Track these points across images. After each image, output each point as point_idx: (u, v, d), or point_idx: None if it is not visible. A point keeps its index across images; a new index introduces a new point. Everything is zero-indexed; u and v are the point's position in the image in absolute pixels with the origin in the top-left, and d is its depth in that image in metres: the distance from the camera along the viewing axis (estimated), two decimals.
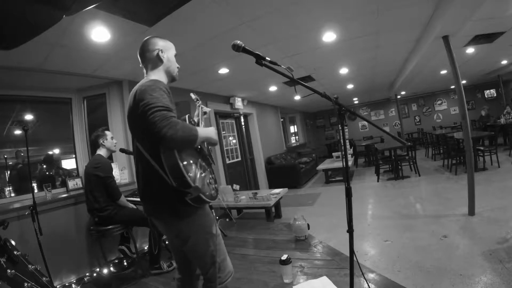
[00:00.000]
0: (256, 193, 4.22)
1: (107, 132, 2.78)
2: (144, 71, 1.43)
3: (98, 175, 2.55)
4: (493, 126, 7.24)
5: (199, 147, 1.37)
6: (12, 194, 2.90)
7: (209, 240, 1.31)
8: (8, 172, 3.19)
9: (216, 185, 1.40)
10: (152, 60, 1.40)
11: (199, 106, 1.68)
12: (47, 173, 3.69)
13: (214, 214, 1.49)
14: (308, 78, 5.25)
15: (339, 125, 1.42)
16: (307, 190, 6.25)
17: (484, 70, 7.59)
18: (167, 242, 2.92)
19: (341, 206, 1.73)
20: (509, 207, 3.09)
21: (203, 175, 1.26)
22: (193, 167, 1.22)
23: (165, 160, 1.14)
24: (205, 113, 1.67)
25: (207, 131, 1.30)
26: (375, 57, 4.48)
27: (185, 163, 1.16)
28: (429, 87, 9.57)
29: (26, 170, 3.17)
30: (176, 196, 1.18)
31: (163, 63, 1.41)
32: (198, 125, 1.56)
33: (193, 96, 1.74)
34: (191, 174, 1.16)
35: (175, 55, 1.47)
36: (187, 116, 1.46)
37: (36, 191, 2.88)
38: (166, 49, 1.42)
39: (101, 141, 2.72)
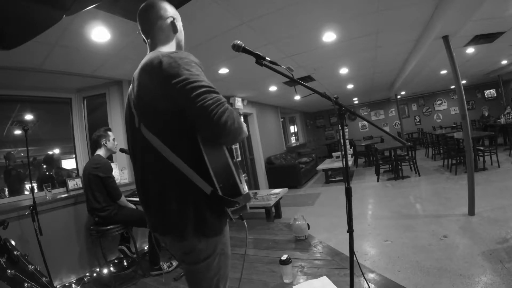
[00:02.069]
0: (256, 193, 4.22)
1: (109, 133, 2.78)
2: (149, 44, 1.11)
3: (98, 175, 2.55)
4: (493, 126, 7.24)
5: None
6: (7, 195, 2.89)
7: (222, 261, 1.04)
8: (3, 174, 3.17)
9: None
10: (165, 30, 1.09)
11: None
12: (47, 173, 3.69)
13: (246, 225, 1.17)
14: (308, 78, 5.25)
15: (339, 125, 1.41)
16: (307, 190, 6.25)
17: (484, 70, 7.59)
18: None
19: (341, 206, 1.73)
20: (509, 207, 3.09)
21: (246, 178, 1.04)
22: (235, 168, 0.94)
23: (211, 159, 0.86)
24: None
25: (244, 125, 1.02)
26: (375, 57, 4.48)
27: (232, 163, 0.91)
28: (429, 87, 9.57)
29: (18, 173, 3.17)
30: (209, 207, 0.91)
31: (176, 34, 1.13)
32: None
33: None
34: (241, 178, 0.92)
35: None
36: None
37: (36, 191, 2.88)
38: (177, 17, 1.15)
39: (103, 141, 2.72)
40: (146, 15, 1.10)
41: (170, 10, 1.12)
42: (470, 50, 4.84)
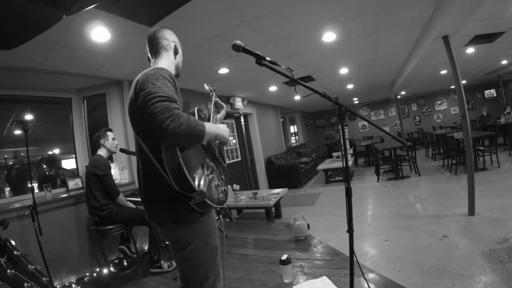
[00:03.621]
0: (256, 193, 4.21)
1: (109, 133, 2.78)
2: (150, 59, 1.34)
3: (96, 174, 2.57)
4: (493, 126, 7.24)
5: (207, 145, 1.23)
6: (11, 194, 2.89)
7: (208, 251, 1.17)
8: (6, 172, 3.19)
9: (225, 188, 1.27)
10: (166, 49, 1.32)
11: (212, 99, 1.51)
12: (47, 173, 3.69)
13: (221, 220, 1.36)
14: (308, 78, 5.25)
15: (339, 125, 1.42)
16: (307, 190, 6.25)
17: (484, 70, 7.59)
18: (167, 242, 2.92)
19: (341, 206, 1.73)
20: (509, 207, 3.09)
21: (210, 177, 1.14)
22: (199, 168, 1.10)
23: (166, 160, 1.02)
24: (216, 106, 1.50)
25: (217, 128, 1.18)
26: (375, 57, 4.48)
27: (189, 163, 1.04)
28: (429, 87, 9.57)
29: (24, 171, 3.19)
30: (179, 199, 1.05)
31: (176, 56, 1.36)
32: (208, 120, 1.40)
33: (206, 87, 1.58)
34: (195, 176, 1.05)
35: None
36: (196, 108, 1.30)
37: (36, 191, 2.88)
38: (179, 45, 1.39)
39: (102, 141, 2.72)
40: (155, 34, 1.32)
41: (176, 39, 1.37)
42: (470, 50, 4.84)
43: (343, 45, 3.64)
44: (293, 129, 11.64)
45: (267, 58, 1.25)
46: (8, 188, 2.89)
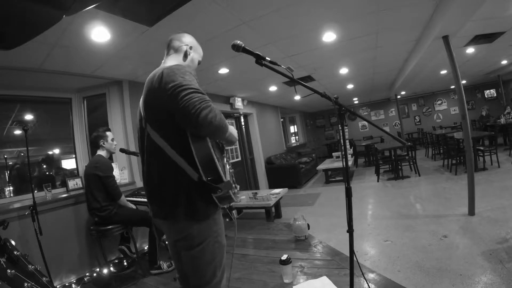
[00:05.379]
0: (256, 193, 4.22)
1: (108, 133, 2.77)
2: (165, 56, 1.36)
3: (97, 175, 2.55)
4: (493, 126, 7.24)
5: (220, 142, 1.27)
6: (12, 194, 2.90)
7: (217, 249, 1.17)
8: (8, 172, 3.19)
9: (237, 185, 1.29)
10: (178, 50, 1.33)
11: None
12: (47, 173, 3.69)
13: (235, 219, 1.31)
14: (308, 78, 5.25)
15: (339, 125, 1.41)
16: (307, 190, 6.25)
17: (484, 70, 7.59)
18: (167, 242, 2.92)
19: (341, 206, 1.73)
20: (509, 207, 3.09)
21: (231, 171, 1.17)
22: (222, 161, 1.12)
23: (197, 150, 1.02)
24: None
25: (231, 127, 1.21)
26: (375, 57, 4.48)
27: (216, 155, 1.06)
28: (429, 87, 9.57)
29: (24, 171, 3.19)
30: (198, 193, 1.07)
31: (186, 59, 1.35)
32: None
33: None
34: (221, 168, 1.06)
35: (199, 63, 1.43)
36: None
37: (36, 191, 2.88)
38: (194, 49, 1.38)
39: (101, 142, 2.71)
40: (175, 36, 1.37)
41: (193, 43, 1.39)
42: (470, 50, 4.84)
43: (343, 45, 3.64)
44: (293, 129, 11.64)
45: (267, 58, 1.25)
46: (9, 188, 2.89)
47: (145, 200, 2.67)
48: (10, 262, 1.31)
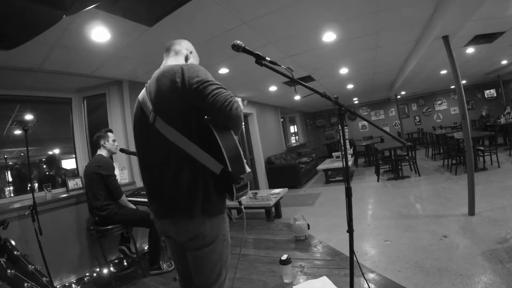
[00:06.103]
0: (256, 193, 4.22)
1: (109, 134, 2.78)
2: (165, 57, 1.37)
3: (99, 174, 2.56)
4: (493, 126, 7.24)
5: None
6: (12, 194, 2.90)
7: (225, 247, 1.18)
8: (9, 172, 3.19)
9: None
10: (179, 53, 1.35)
11: None
12: (48, 173, 3.69)
13: (244, 215, 1.36)
14: (308, 78, 5.25)
15: (339, 125, 1.41)
16: (307, 190, 6.25)
17: (484, 70, 7.59)
18: (169, 243, 2.92)
19: (341, 206, 1.73)
20: (509, 207, 3.09)
21: (245, 161, 1.17)
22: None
23: (224, 141, 1.04)
24: None
25: None
26: (375, 57, 4.48)
27: (240, 146, 1.10)
28: (429, 87, 9.57)
29: (24, 171, 3.19)
30: (215, 187, 1.09)
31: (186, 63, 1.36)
32: None
33: None
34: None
35: None
36: None
37: (36, 191, 2.88)
38: (193, 55, 1.40)
39: (102, 142, 2.72)
40: (175, 40, 1.39)
41: (192, 50, 1.41)
42: (470, 50, 4.84)
43: (343, 45, 3.64)
44: (293, 129, 11.64)
45: (267, 58, 1.25)
46: (9, 188, 2.89)
47: (145, 200, 2.67)
48: (10, 262, 1.31)
